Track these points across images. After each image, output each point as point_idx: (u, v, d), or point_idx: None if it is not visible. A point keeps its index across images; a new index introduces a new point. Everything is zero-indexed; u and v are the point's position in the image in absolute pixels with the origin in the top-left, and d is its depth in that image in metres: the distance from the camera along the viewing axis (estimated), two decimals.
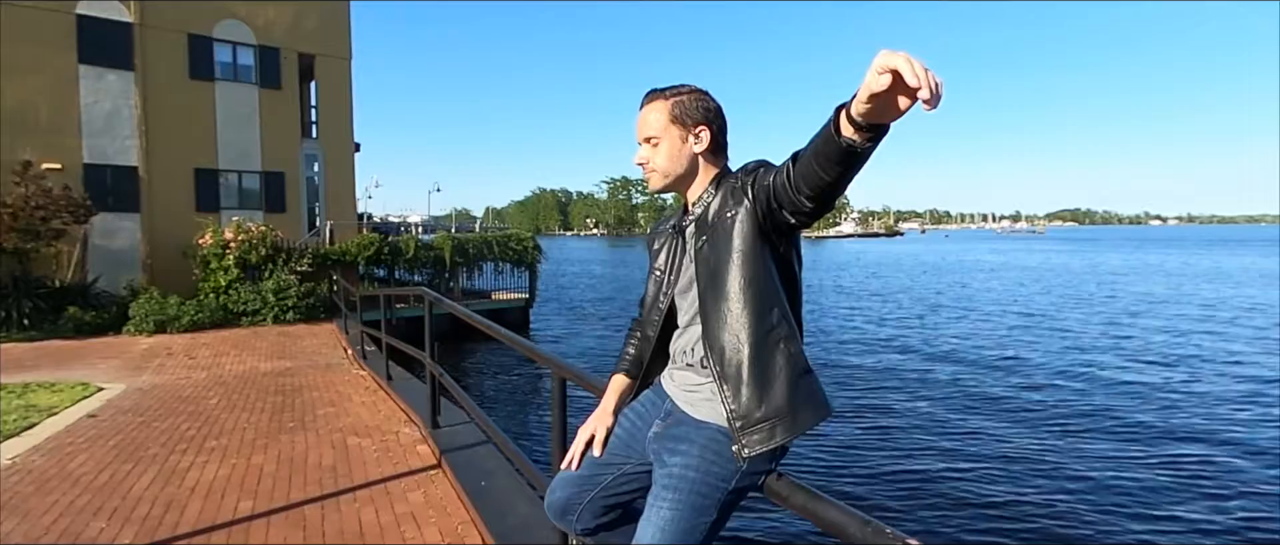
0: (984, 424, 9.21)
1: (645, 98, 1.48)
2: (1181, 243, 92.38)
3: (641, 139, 1.47)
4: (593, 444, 1.55)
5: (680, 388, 1.46)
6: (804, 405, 1.29)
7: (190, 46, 15.09)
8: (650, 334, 1.56)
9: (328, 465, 4.44)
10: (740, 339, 1.30)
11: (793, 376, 1.29)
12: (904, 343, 15.74)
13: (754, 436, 1.27)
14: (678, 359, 1.48)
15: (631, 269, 45.08)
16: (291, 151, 16.85)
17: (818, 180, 1.08)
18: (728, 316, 1.31)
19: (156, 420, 5.71)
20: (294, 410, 6.07)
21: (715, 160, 1.46)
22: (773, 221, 1.26)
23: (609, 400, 1.61)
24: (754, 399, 1.28)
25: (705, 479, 1.31)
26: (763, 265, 1.31)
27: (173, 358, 9.14)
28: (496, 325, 3.26)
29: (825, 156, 1.04)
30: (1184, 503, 6.68)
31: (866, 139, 0.98)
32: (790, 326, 1.33)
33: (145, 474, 4.27)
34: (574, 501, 1.52)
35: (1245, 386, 11.19)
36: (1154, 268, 41.81)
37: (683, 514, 1.28)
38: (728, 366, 1.31)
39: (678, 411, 1.44)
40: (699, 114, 1.43)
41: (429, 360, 4.73)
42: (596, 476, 1.52)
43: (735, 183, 1.35)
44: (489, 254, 17.08)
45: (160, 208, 14.59)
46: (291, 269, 13.54)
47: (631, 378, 1.63)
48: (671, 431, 1.41)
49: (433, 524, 3.46)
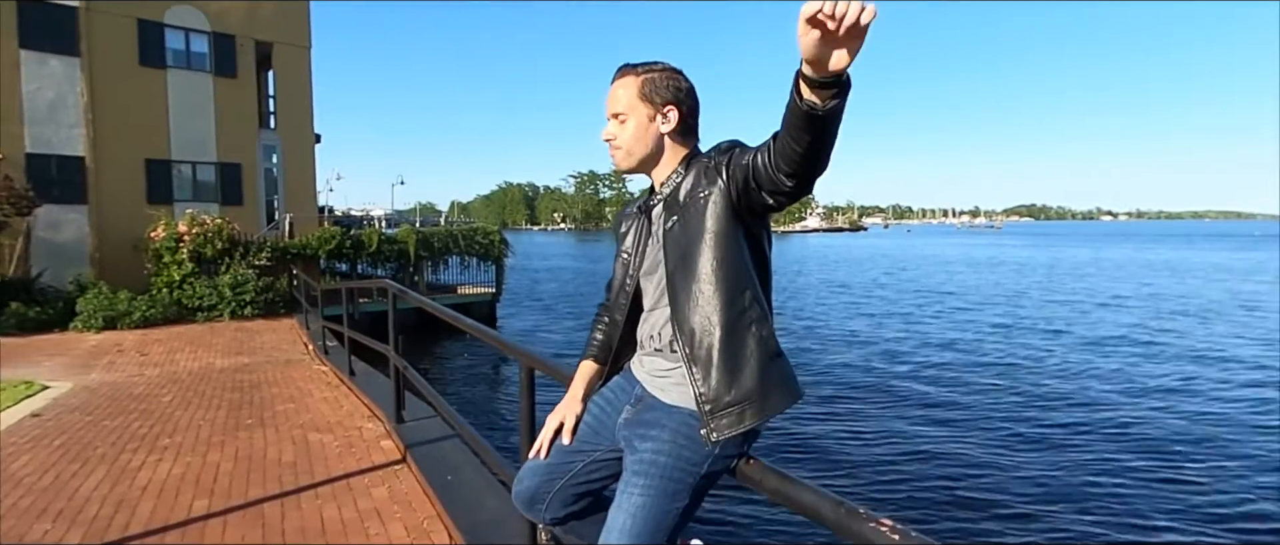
0: (955, 413, 9.45)
1: (617, 72, 1.44)
2: (1134, 237, 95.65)
3: (610, 114, 1.43)
4: (562, 432, 1.52)
5: (649, 373, 1.44)
6: (774, 389, 1.27)
7: (140, 32, 14.51)
8: (618, 318, 1.53)
9: (288, 462, 4.32)
10: (712, 321, 1.27)
11: (764, 360, 1.27)
12: (875, 335, 15.99)
13: (724, 420, 1.25)
14: (645, 343, 1.46)
15: (599, 263, 44.94)
16: (248, 142, 16.36)
17: (793, 153, 1.05)
18: (699, 298, 1.29)
19: (106, 419, 5.50)
20: (252, 407, 5.90)
21: (684, 141, 1.43)
22: (748, 202, 1.24)
23: (577, 387, 1.58)
24: (724, 382, 1.26)
25: (677, 464, 1.29)
26: (735, 246, 1.29)
27: (123, 355, 8.82)
28: (463, 317, 3.20)
29: (794, 126, 1.01)
30: (1158, 489, 6.92)
31: (828, 97, 0.96)
32: (762, 309, 1.31)
33: (93, 474, 4.11)
34: (542, 490, 1.49)
35: (1208, 380, 11.63)
36: (1111, 261, 43.21)
37: (654, 500, 1.26)
38: (698, 349, 1.28)
39: (648, 397, 1.42)
40: (669, 93, 1.39)
41: (393, 354, 4.63)
42: (566, 465, 1.49)
43: (708, 163, 1.32)
44: (454, 248, 16.84)
45: (109, 199, 14.03)
46: (249, 263, 13.16)
47: (600, 364, 1.60)
48: (642, 417, 1.38)
49: (397, 519, 3.39)
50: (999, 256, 49.88)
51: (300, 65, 17.28)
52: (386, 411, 5.10)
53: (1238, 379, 11.29)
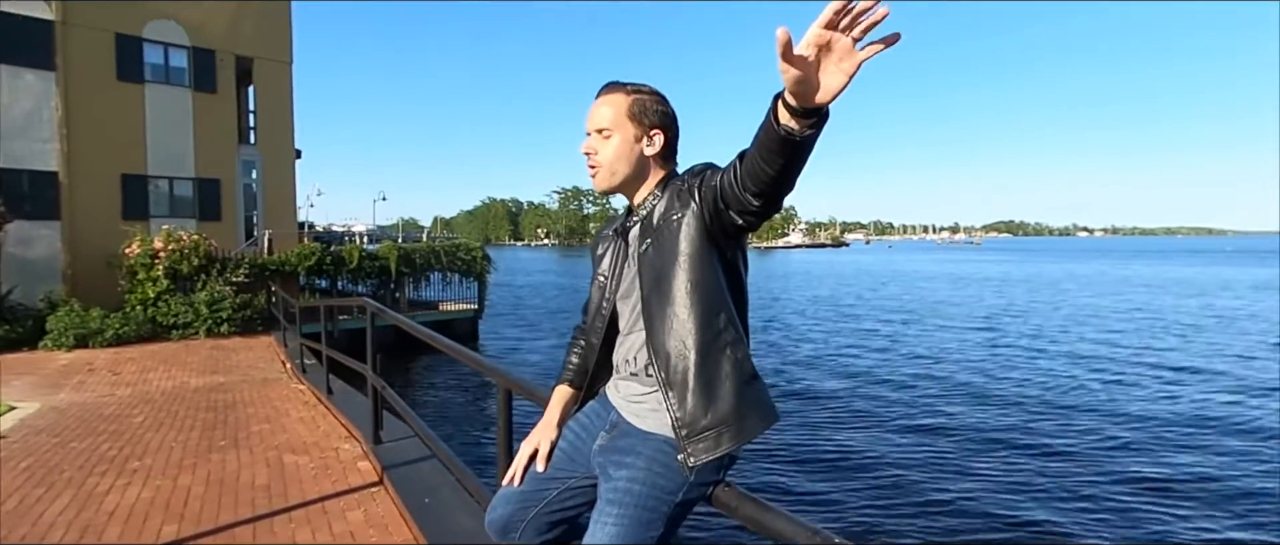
0: (937, 435, 9.41)
1: (603, 89, 1.43)
2: (1111, 253, 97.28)
3: (592, 129, 1.41)
4: (536, 458, 1.49)
5: (625, 398, 1.42)
6: (751, 412, 1.26)
7: (118, 46, 14.35)
8: (594, 341, 1.51)
9: (261, 485, 4.23)
10: (686, 344, 1.26)
11: (739, 383, 1.26)
12: (857, 353, 16.06)
13: (700, 445, 1.24)
14: (621, 368, 1.44)
15: (582, 280, 44.82)
16: (228, 157, 16.19)
17: (763, 174, 1.04)
18: (673, 321, 1.28)
19: (74, 440, 5.36)
20: (226, 427, 5.78)
21: (664, 165, 1.43)
22: (720, 224, 1.23)
23: (552, 412, 1.56)
24: (700, 406, 1.24)
25: (652, 492, 1.27)
26: (710, 269, 1.28)
27: (94, 374, 8.63)
28: (440, 336, 3.16)
29: (767, 148, 1.01)
30: (1143, 506, 6.99)
31: (806, 125, 0.95)
32: (737, 332, 1.30)
33: (59, 498, 3.99)
34: (516, 518, 1.46)
35: (1182, 389, 11.80)
36: (1091, 277, 43.87)
37: (629, 529, 1.24)
38: (673, 373, 1.27)
39: (623, 423, 1.40)
40: (656, 116, 1.39)
41: (371, 373, 4.57)
42: (540, 492, 1.46)
43: (681, 185, 1.32)
44: (436, 264, 16.72)
45: (83, 215, 13.79)
46: (226, 280, 12.96)
47: (575, 388, 1.58)
48: (617, 444, 1.36)
49: (373, 543, 3.32)
50: (980, 272, 50.50)
51: (281, 80, 17.17)
52: (364, 432, 5.02)
53: (1219, 389, 11.47)
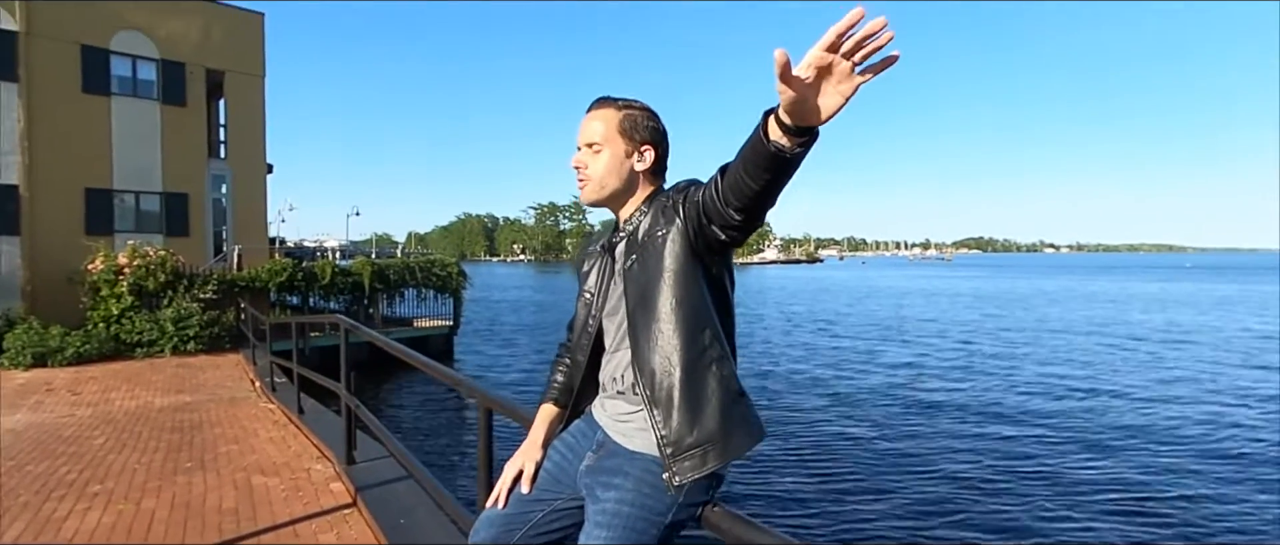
0: (921, 448, 9.52)
1: (595, 103, 1.42)
2: (1077, 269, 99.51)
3: (583, 143, 1.40)
4: (521, 480, 1.46)
5: (612, 417, 1.40)
6: (737, 430, 1.24)
7: (83, 58, 14.06)
8: (580, 359, 1.48)
9: (229, 508, 4.09)
10: (671, 361, 1.25)
11: (725, 400, 1.25)
12: (838, 369, 16.16)
13: (686, 463, 1.22)
14: (608, 386, 1.42)
15: (559, 296, 44.64)
16: (197, 172, 15.88)
17: (746, 189, 1.04)
18: (658, 338, 1.26)
19: (30, 464, 5.15)
20: (192, 449, 5.60)
21: (653, 181, 1.42)
22: (703, 239, 1.22)
23: (537, 432, 1.52)
24: (685, 424, 1.23)
25: (641, 514, 1.24)
26: (694, 285, 1.27)
27: (53, 394, 8.33)
28: (417, 354, 3.11)
29: (754, 163, 1.00)
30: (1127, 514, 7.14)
31: (797, 143, 0.95)
32: (723, 348, 1.29)
33: (14, 525, 3.82)
34: (501, 541, 1.42)
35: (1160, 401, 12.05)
36: (1058, 293, 44.82)
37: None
38: (658, 390, 1.25)
39: (610, 442, 1.37)
40: (647, 132, 1.39)
41: (344, 392, 4.47)
42: (525, 514, 1.43)
43: (666, 201, 1.31)
44: (411, 280, 16.53)
45: (44, 230, 13.40)
46: (194, 296, 12.66)
47: (561, 407, 1.55)
48: (604, 464, 1.34)
49: None
50: (952, 287, 51.30)
51: (253, 94, 16.93)
52: (337, 452, 4.90)
53: (1190, 399, 11.74)
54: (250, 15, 16.89)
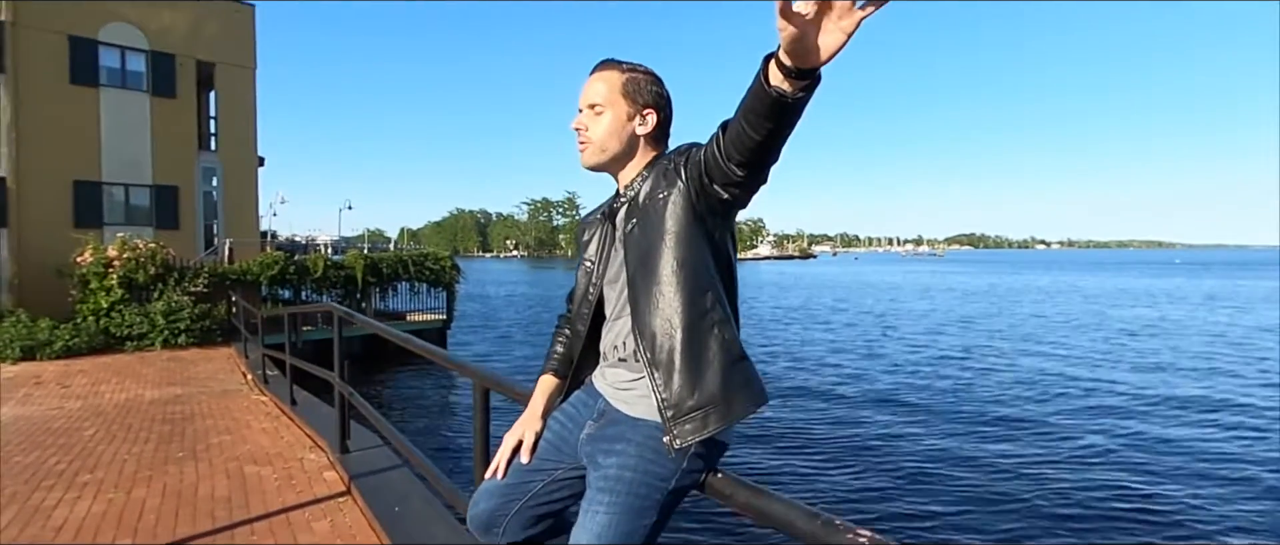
0: (921, 431, 9.69)
1: (599, 64, 1.40)
2: (1068, 265, 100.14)
3: (585, 105, 1.38)
4: (520, 450, 1.44)
5: (612, 385, 1.38)
6: (738, 393, 1.22)
7: (72, 49, 13.89)
8: (580, 329, 1.46)
9: (221, 496, 4.06)
10: (672, 323, 1.23)
11: (727, 363, 1.23)
12: (836, 357, 16.19)
13: (686, 426, 1.20)
14: (609, 354, 1.40)
15: (553, 290, 44.59)
16: (187, 164, 15.74)
17: (748, 141, 1.02)
18: (659, 300, 1.24)
19: (18, 455, 5.09)
20: (184, 439, 5.55)
21: (655, 146, 1.40)
22: (706, 200, 1.21)
23: (537, 403, 1.50)
24: (686, 386, 1.21)
25: (644, 479, 1.22)
26: (696, 248, 1.25)
27: (41, 387, 8.25)
28: (413, 338, 3.08)
29: (755, 112, 0.98)
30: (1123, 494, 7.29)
31: (799, 87, 0.93)
32: (725, 311, 1.26)
33: (3, 515, 3.77)
34: (500, 512, 1.40)
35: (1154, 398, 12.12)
36: (1049, 288, 45.07)
37: (620, 517, 1.19)
38: (659, 353, 1.23)
39: (612, 410, 1.35)
40: (650, 96, 1.37)
41: (338, 380, 4.44)
42: (525, 484, 1.41)
43: (667, 164, 1.30)
44: (404, 274, 16.42)
45: (31, 222, 13.26)
46: (184, 289, 12.55)
47: (560, 377, 1.53)
48: (606, 431, 1.32)
49: None
50: (945, 283, 51.50)
51: (244, 86, 16.79)
52: (330, 441, 4.87)
53: (1185, 390, 11.82)
54: (241, 7, 16.74)
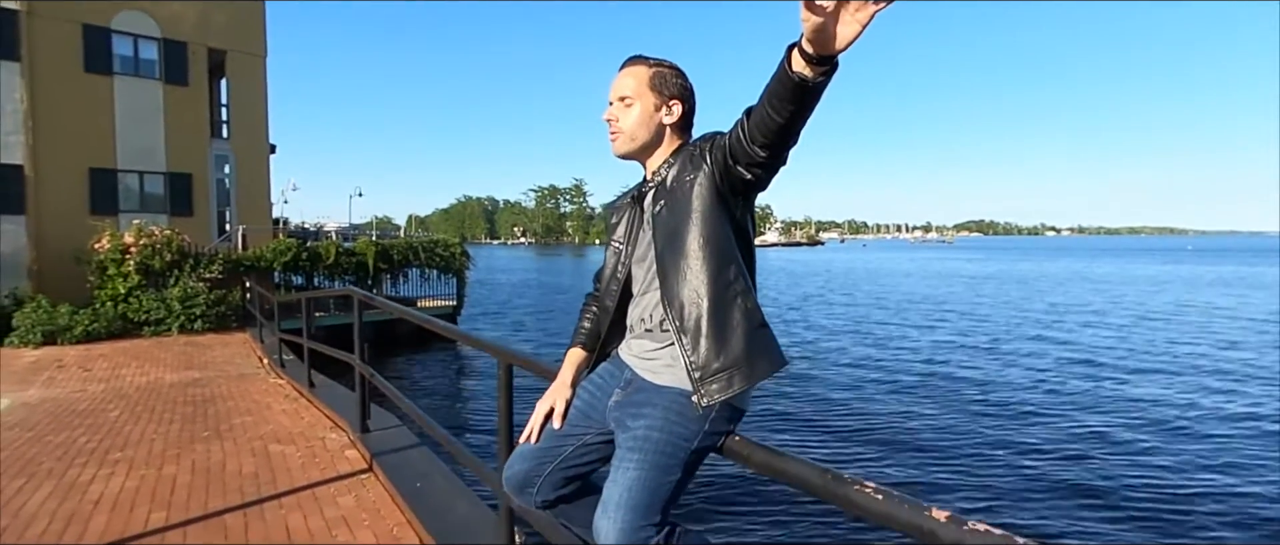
0: (926, 408, 9.92)
1: (628, 61, 1.51)
2: (1079, 252, 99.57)
3: (615, 98, 1.49)
4: (552, 417, 1.55)
5: (638, 356, 1.49)
6: (760, 356, 1.34)
7: (85, 37, 14.04)
8: (609, 304, 1.57)
9: (249, 473, 4.20)
10: (699, 293, 1.34)
11: (749, 329, 1.34)
12: (851, 343, 16.26)
13: (713, 386, 1.31)
14: (635, 326, 1.51)
15: (562, 277, 44.76)
16: (200, 152, 15.91)
17: (771, 124, 1.13)
18: (687, 273, 1.36)
19: (49, 434, 5.26)
20: (207, 420, 5.71)
21: (680, 135, 1.51)
22: (729, 181, 1.32)
23: (567, 372, 1.62)
24: (713, 350, 1.32)
25: (669, 439, 1.33)
26: (720, 226, 1.36)
27: (64, 370, 8.44)
28: (438, 321, 3.19)
29: (778, 96, 1.09)
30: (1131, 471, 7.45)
31: (819, 73, 1.03)
32: (747, 283, 1.38)
33: (40, 489, 3.93)
34: (534, 474, 1.52)
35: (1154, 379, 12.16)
36: (1074, 275, 44.89)
37: (648, 473, 1.31)
38: (687, 321, 1.35)
39: (638, 379, 1.46)
40: (675, 88, 1.48)
41: (359, 362, 4.56)
42: (557, 448, 1.52)
43: (694, 150, 1.41)
44: (414, 260, 16.60)
45: (50, 210, 13.47)
46: (200, 276, 12.74)
47: (588, 350, 1.64)
48: (634, 398, 1.43)
49: (366, 527, 3.34)
50: (957, 270, 51.33)
51: (255, 74, 16.92)
52: (350, 421, 5.00)
53: (1204, 381, 11.84)
54: None
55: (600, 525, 1.30)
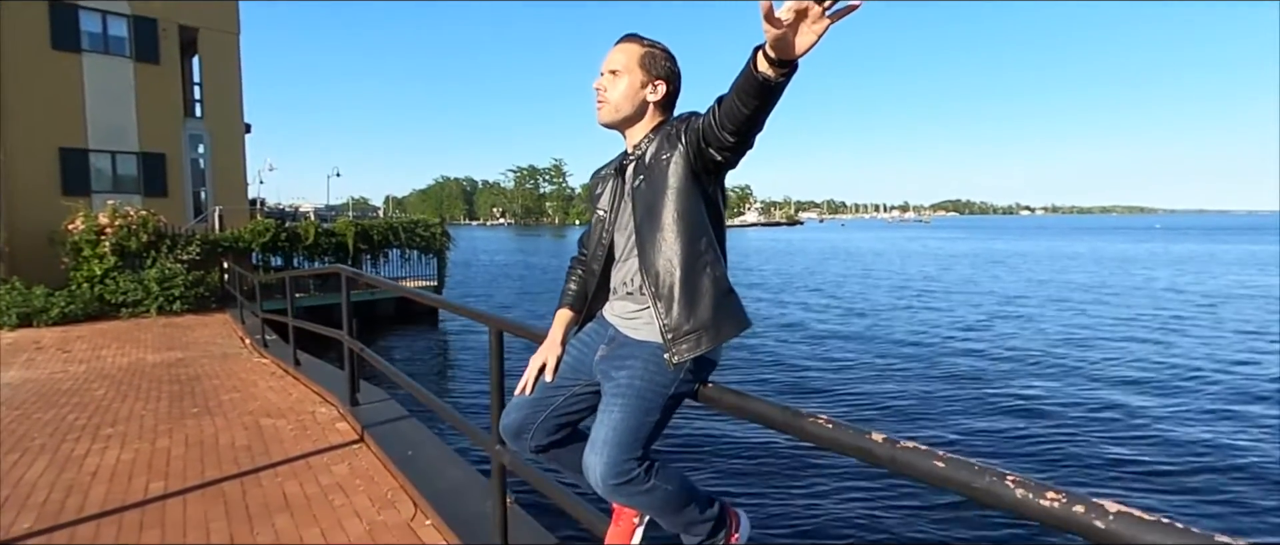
0: (895, 385, 10.12)
1: (623, 37, 1.65)
2: (1053, 231, 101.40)
3: (606, 69, 1.63)
4: (544, 371, 1.71)
5: (620, 316, 1.65)
6: (726, 320, 1.51)
7: (52, 14, 13.70)
8: (595, 268, 1.72)
9: (242, 445, 4.32)
10: (673, 263, 1.50)
11: (717, 295, 1.50)
12: (827, 323, 16.57)
13: (683, 346, 1.47)
14: (618, 289, 1.67)
15: (544, 257, 44.70)
16: (173, 131, 15.67)
17: (739, 115, 1.27)
18: (662, 245, 1.51)
19: (37, 412, 5.31)
20: (195, 397, 5.80)
21: (662, 113, 1.65)
22: (702, 161, 1.46)
23: (556, 331, 1.78)
24: (683, 314, 1.48)
25: (649, 386, 1.51)
26: (693, 201, 1.51)
27: (43, 351, 8.42)
28: (428, 293, 3.32)
29: (745, 92, 1.23)
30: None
31: (780, 73, 1.18)
32: (716, 253, 1.54)
33: (36, 463, 4.02)
34: (528, 422, 1.68)
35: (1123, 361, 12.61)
36: (1043, 252, 45.82)
37: (631, 414, 1.48)
38: (661, 287, 1.50)
39: (621, 336, 1.63)
40: (663, 69, 1.62)
41: (348, 337, 4.67)
42: (548, 399, 1.69)
43: (671, 130, 1.55)
44: (395, 240, 16.58)
45: (19, 190, 13.24)
46: (177, 257, 12.65)
47: (576, 311, 1.80)
48: (617, 352, 1.60)
49: (361, 492, 3.48)
50: (934, 248, 52.12)
51: (228, 52, 16.64)
52: (338, 396, 5.12)
53: (1174, 360, 12.31)
54: None
55: (589, 461, 1.48)
